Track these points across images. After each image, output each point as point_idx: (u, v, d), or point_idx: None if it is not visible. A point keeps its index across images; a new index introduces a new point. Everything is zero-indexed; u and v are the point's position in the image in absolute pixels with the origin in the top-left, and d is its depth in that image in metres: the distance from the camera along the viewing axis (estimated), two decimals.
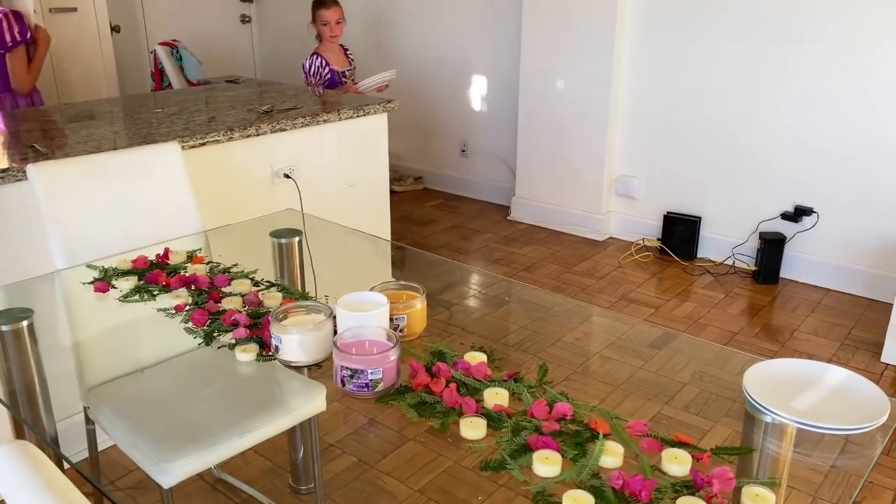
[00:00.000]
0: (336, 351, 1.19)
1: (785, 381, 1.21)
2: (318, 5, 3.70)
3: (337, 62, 3.79)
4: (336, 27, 3.71)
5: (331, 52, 3.79)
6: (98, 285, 1.62)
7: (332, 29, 3.70)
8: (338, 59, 3.81)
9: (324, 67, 3.72)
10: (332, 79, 3.74)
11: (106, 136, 2.33)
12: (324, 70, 3.71)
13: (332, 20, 3.73)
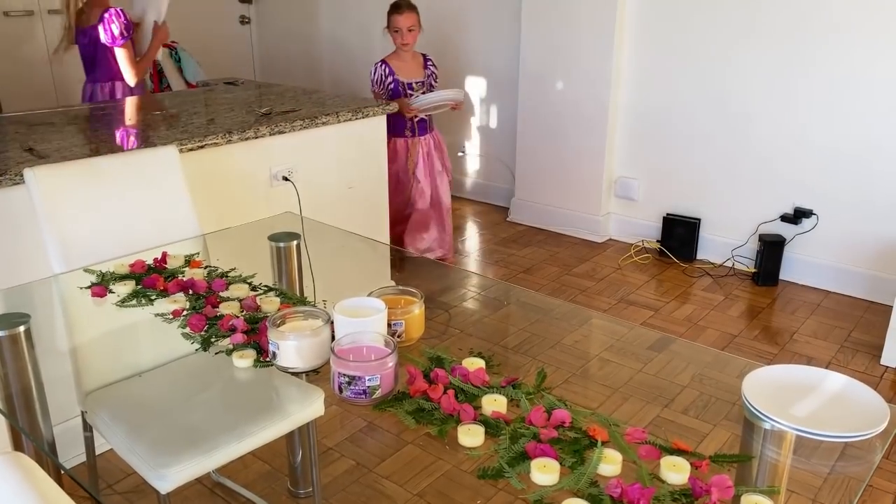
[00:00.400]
0: (333, 357, 1.19)
1: (784, 388, 1.21)
2: (391, 9, 3.41)
3: (406, 72, 3.45)
4: (407, 35, 3.37)
5: (400, 60, 3.48)
6: (95, 290, 1.61)
7: (403, 36, 3.37)
8: (408, 69, 3.47)
9: (387, 76, 3.43)
10: (396, 89, 3.44)
11: (104, 139, 2.33)
12: (387, 79, 3.43)
13: (403, 27, 3.40)
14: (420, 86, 3.47)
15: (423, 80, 3.47)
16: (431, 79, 3.55)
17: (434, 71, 3.56)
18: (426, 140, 3.53)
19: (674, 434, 2.33)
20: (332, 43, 5.37)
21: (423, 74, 3.49)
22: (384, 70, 3.43)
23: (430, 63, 3.56)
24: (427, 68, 3.53)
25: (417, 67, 3.50)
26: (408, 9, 3.36)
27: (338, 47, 5.34)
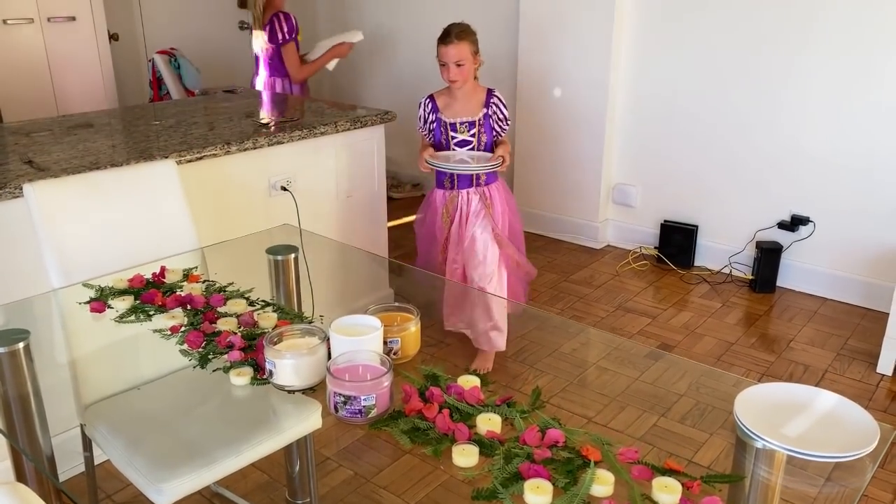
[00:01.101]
0: (329, 377, 1.20)
1: (776, 406, 1.22)
2: (439, 38, 2.69)
3: (454, 111, 2.73)
4: (455, 71, 2.63)
5: (448, 97, 2.74)
6: (94, 305, 1.62)
7: (450, 72, 2.64)
8: (457, 108, 2.73)
9: (430, 114, 2.76)
10: (437, 130, 2.75)
11: (103, 150, 2.34)
12: (430, 117, 2.76)
13: (450, 61, 2.64)
14: (468, 128, 2.70)
15: (473, 121, 2.70)
16: (492, 120, 2.73)
17: (498, 110, 2.74)
18: (469, 196, 2.73)
19: (670, 443, 2.35)
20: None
21: (478, 113, 2.71)
22: (428, 106, 2.76)
23: (494, 99, 2.73)
24: (489, 106, 2.72)
25: (473, 105, 2.72)
26: (457, 38, 2.60)
27: None
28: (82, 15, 4.05)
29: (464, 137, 2.75)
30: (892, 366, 2.77)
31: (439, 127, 2.76)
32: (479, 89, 2.78)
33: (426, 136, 2.82)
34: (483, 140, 2.76)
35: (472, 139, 2.75)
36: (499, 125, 2.77)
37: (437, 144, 2.77)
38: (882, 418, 2.53)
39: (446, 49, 2.63)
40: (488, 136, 2.76)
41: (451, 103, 2.76)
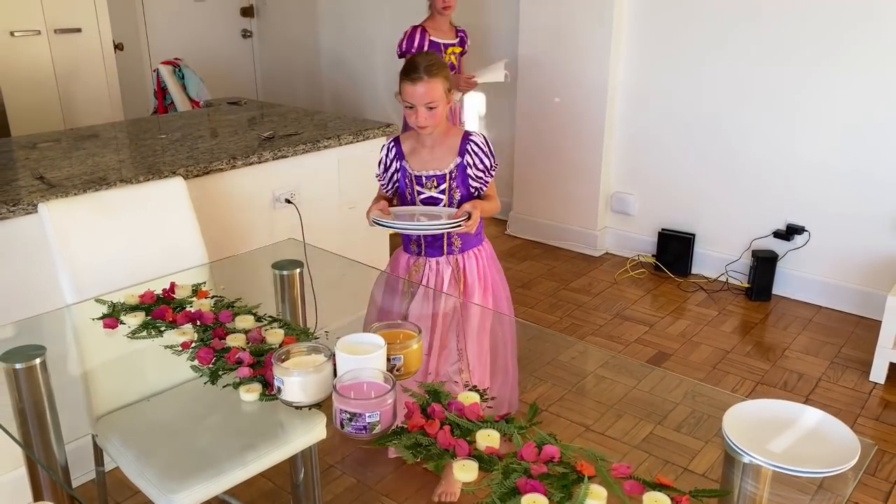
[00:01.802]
0: (335, 394, 1.25)
1: (763, 422, 1.27)
2: (402, 72, 2.20)
3: (420, 161, 2.22)
4: (426, 115, 2.09)
5: (416, 141, 2.23)
6: (107, 322, 1.68)
7: (418, 116, 2.10)
8: (424, 157, 2.23)
9: (393, 160, 2.23)
10: (402, 181, 2.24)
11: (112, 165, 2.40)
12: (391, 164, 2.24)
13: (418, 103, 2.14)
14: (436, 182, 2.17)
15: (443, 174, 2.17)
16: (469, 172, 2.17)
17: (477, 158, 2.17)
18: (438, 267, 2.22)
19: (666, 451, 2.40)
20: (332, 56, 5.44)
21: (448, 164, 2.17)
22: (391, 151, 2.24)
23: (471, 146, 2.18)
24: (464, 155, 2.17)
25: (444, 154, 2.19)
26: (428, 75, 2.06)
27: (337, 60, 5.41)
28: (88, 26, 4.11)
29: (431, 194, 2.20)
30: (884, 374, 2.83)
31: (404, 177, 2.22)
32: (453, 132, 2.22)
33: (384, 187, 2.29)
34: (457, 197, 2.19)
35: (442, 196, 2.18)
36: (478, 178, 2.18)
37: (402, 198, 2.25)
38: (874, 426, 2.59)
39: (413, 88, 2.07)
40: (464, 192, 2.18)
41: (417, 150, 2.22)
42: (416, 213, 2.19)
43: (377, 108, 5.09)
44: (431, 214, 2.15)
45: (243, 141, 2.75)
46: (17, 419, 1.52)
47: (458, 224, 2.04)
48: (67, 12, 4.02)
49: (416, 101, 2.09)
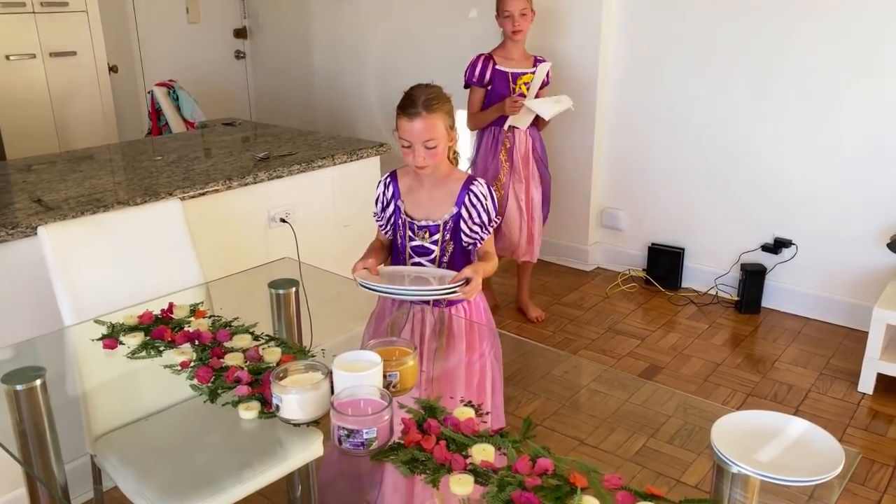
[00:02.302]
0: (333, 411, 1.28)
1: (751, 433, 1.31)
2: (398, 107, 1.97)
3: (415, 203, 2.02)
4: (424, 154, 1.89)
5: (415, 179, 2.03)
6: (107, 342, 1.71)
7: (415, 155, 1.89)
8: (420, 200, 2.02)
9: (391, 199, 2.04)
10: (396, 223, 2.03)
11: (109, 188, 2.43)
12: (389, 202, 2.04)
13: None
14: (429, 232, 1.99)
15: (438, 224, 1.98)
16: (464, 223, 1.98)
17: (475, 211, 1.98)
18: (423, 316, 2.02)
19: (659, 464, 2.43)
20: (326, 78, 5.50)
21: (444, 213, 1.98)
22: (389, 188, 2.05)
23: (470, 196, 1.98)
24: (461, 205, 1.98)
25: (441, 199, 1.99)
26: (427, 110, 1.88)
27: (332, 82, 5.46)
28: (83, 49, 4.15)
29: (423, 244, 2.00)
30: (872, 385, 2.87)
31: (398, 218, 2.02)
32: (455, 176, 2.01)
33: (382, 228, 2.08)
34: (450, 250, 2.00)
35: (434, 247, 1.99)
36: (472, 231, 1.97)
37: (393, 241, 2.07)
38: (863, 437, 2.63)
39: (410, 124, 1.87)
40: (458, 246, 1.99)
41: (415, 189, 2.01)
42: (407, 273, 1.98)
43: (371, 127, 5.14)
44: (423, 277, 1.94)
45: (238, 162, 2.79)
46: (17, 440, 1.54)
47: (453, 290, 1.80)
48: (62, 36, 4.06)
49: (413, 138, 1.88)
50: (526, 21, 3.22)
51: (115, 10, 4.83)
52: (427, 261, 2.01)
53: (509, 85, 3.30)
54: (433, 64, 4.77)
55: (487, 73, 3.29)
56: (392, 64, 5.03)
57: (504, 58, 3.30)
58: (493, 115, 3.32)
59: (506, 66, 3.29)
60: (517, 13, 3.18)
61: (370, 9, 5.01)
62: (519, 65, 3.31)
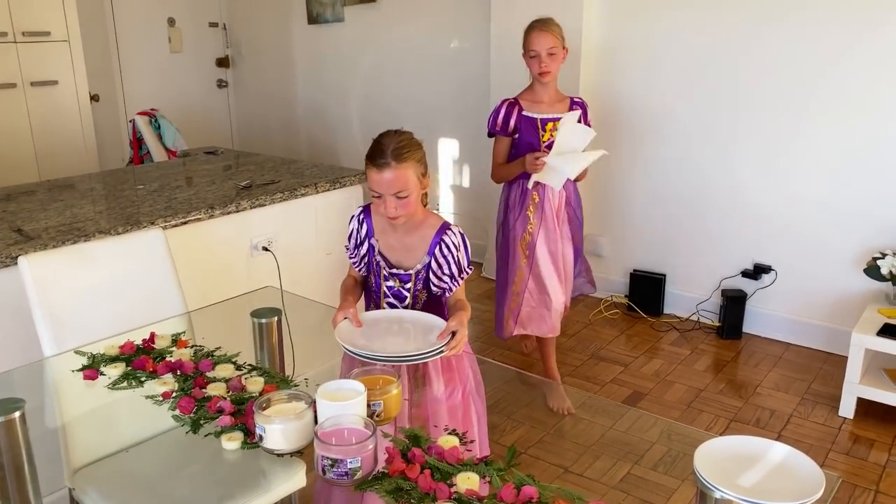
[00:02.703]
0: (317, 441, 1.27)
1: (733, 458, 1.32)
2: (367, 156, 1.89)
3: (388, 246, 1.98)
4: (395, 204, 1.83)
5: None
6: (87, 373, 1.69)
7: (387, 206, 1.84)
8: (392, 244, 1.98)
9: (365, 238, 2.00)
10: (371, 261, 2.01)
11: (91, 217, 2.42)
12: (364, 240, 2.00)
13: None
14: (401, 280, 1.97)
15: (409, 273, 1.95)
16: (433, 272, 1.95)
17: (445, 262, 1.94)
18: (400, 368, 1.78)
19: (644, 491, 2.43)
20: (309, 106, 5.53)
21: (416, 262, 1.95)
22: (362, 226, 2.02)
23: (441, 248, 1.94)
24: (433, 255, 1.94)
25: (414, 245, 1.96)
26: (396, 160, 1.82)
27: (314, 111, 5.49)
28: (65, 78, 4.15)
29: (397, 287, 1.97)
30: (852, 409, 2.89)
31: (372, 257, 1.98)
32: (430, 222, 1.94)
33: (355, 265, 2.03)
34: (422, 298, 1.98)
35: (407, 294, 1.97)
36: (442, 282, 1.93)
37: (366, 282, 2.05)
38: (845, 461, 2.64)
39: (380, 175, 1.80)
40: (431, 294, 1.98)
41: (388, 232, 1.96)
42: (386, 322, 1.88)
43: (354, 156, 5.17)
44: (405, 327, 1.85)
45: (221, 190, 2.79)
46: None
47: (440, 350, 1.71)
48: (44, 65, 4.06)
49: (383, 190, 1.81)
50: (555, 61, 2.79)
51: (97, 39, 4.84)
52: (401, 305, 1.97)
53: (538, 132, 2.85)
54: (416, 93, 4.82)
55: (512, 121, 2.87)
56: (375, 93, 5.07)
57: (532, 101, 2.87)
58: (515, 171, 2.89)
59: (534, 112, 2.86)
60: (544, 52, 2.75)
61: (352, 38, 5.07)
62: (550, 109, 2.87)
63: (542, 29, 2.76)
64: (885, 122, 3.16)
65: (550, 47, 2.76)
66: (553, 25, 2.78)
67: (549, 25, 2.78)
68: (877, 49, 3.11)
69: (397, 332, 1.85)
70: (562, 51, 2.81)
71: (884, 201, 3.21)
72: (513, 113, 2.87)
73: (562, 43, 2.80)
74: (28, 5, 3.95)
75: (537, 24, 2.79)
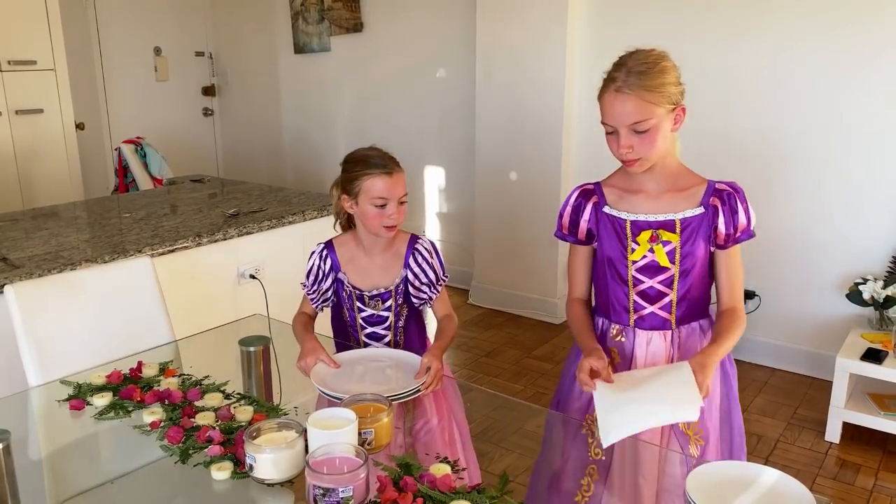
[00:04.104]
0: (308, 470, 1.27)
1: (725, 483, 1.32)
2: (365, 168, 1.81)
3: (361, 271, 1.92)
4: (398, 211, 1.82)
5: (356, 246, 1.94)
6: (73, 403, 1.67)
7: (393, 211, 1.81)
8: (364, 266, 1.92)
9: (328, 272, 1.94)
10: (341, 295, 1.94)
11: (77, 245, 2.40)
12: (325, 276, 1.94)
13: (393, 198, 1.81)
14: (381, 300, 1.92)
15: (389, 290, 1.91)
16: (411, 285, 1.92)
17: (421, 271, 1.93)
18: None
19: None
20: (295, 135, 5.55)
21: (395, 276, 1.91)
22: (326, 261, 1.95)
23: (415, 255, 1.92)
24: (408, 266, 1.92)
25: (389, 262, 1.92)
26: (397, 167, 1.85)
27: (300, 139, 5.51)
28: (50, 107, 4.15)
29: (376, 312, 1.91)
30: (838, 434, 2.91)
31: (341, 291, 1.92)
32: (399, 238, 1.91)
33: (313, 301, 1.97)
34: (404, 314, 1.93)
35: (388, 314, 1.91)
36: (421, 291, 1.91)
37: (338, 315, 1.98)
38: (832, 486, 2.65)
39: (391, 180, 1.78)
40: (412, 309, 1.94)
41: (356, 259, 1.90)
42: (359, 361, 1.82)
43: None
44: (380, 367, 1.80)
45: (208, 218, 2.78)
46: None
47: (416, 391, 1.66)
48: (29, 94, 4.06)
49: (392, 195, 1.77)
50: (649, 141, 1.60)
51: (83, 68, 4.85)
52: (382, 329, 1.93)
53: (623, 241, 1.70)
54: (402, 121, 4.86)
55: (583, 220, 1.77)
56: (361, 121, 5.10)
57: (622, 191, 1.75)
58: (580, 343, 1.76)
59: (622, 208, 1.73)
60: (624, 127, 1.60)
61: (339, 67, 5.11)
62: (653, 204, 1.70)
63: (616, 90, 1.58)
64: (865, 148, 3.22)
65: (635, 122, 1.58)
66: (642, 78, 1.56)
67: (626, 81, 1.57)
68: (857, 80, 3.18)
69: (372, 373, 1.79)
70: (665, 117, 1.60)
71: (864, 227, 3.26)
72: (586, 207, 1.78)
73: (663, 104, 1.59)
74: (14, 34, 3.96)
75: (613, 76, 1.59)
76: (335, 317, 2.01)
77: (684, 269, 1.67)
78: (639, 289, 1.69)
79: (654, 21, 3.65)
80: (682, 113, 1.65)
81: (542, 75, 3.97)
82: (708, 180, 1.72)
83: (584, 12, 3.89)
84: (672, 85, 1.61)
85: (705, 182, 1.71)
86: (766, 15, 3.35)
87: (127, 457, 1.86)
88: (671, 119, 1.62)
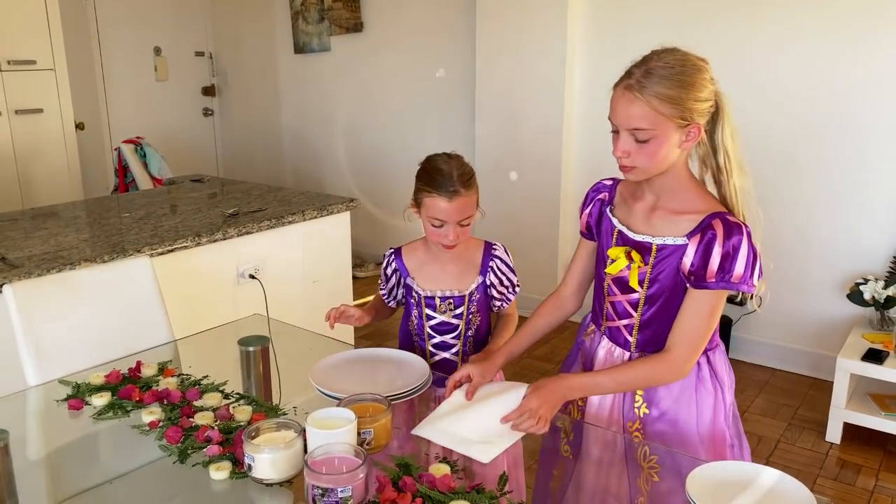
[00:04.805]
0: (307, 470, 1.26)
1: (725, 483, 1.32)
2: (429, 184, 1.76)
3: (430, 277, 1.87)
4: (458, 232, 1.76)
5: (426, 253, 1.90)
6: (72, 403, 1.66)
7: (449, 234, 1.75)
8: (435, 272, 1.87)
9: (394, 275, 1.92)
10: (409, 301, 1.92)
11: (76, 245, 2.40)
12: (393, 279, 1.93)
13: (451, 220, 1.74)
14: (452, 305, 1.85)
15: (463, 296, 1.85)
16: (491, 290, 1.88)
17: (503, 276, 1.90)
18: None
19: None
20: (295, 135, 5.55)
21: (469, 282, 1.86)
22: (392, 265, 1.93)
23: (494, 261, 1.88)
24: (486, 272, 1.87)
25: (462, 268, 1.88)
26: (467, 188, 1.75)
27: (300, 139, 5.51)
28: (50, 107, 4.14)
29: (445, 319, 1.84)
30: (839, 434, 2.90)
31: (409, 297, 1.88)
32: (472, 244, 1.86)
33: (385, 298, 1.97)
34: (475, 323, 1.86)
35: (458, 321, 1.84)
36: (500, 296, 1.88)
37: (405, 330, 1.95)
38: (833, 486, 2.64)
39: (449, 204, 1.70)
40: (483, 318, 1.86)
41: (427, 265, 1.86)
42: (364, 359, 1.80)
43: (340, 183, 5.18)
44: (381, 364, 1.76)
45: (207, 218, 2.78)
46: None
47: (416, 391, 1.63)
48: (29, 93, 4.05)
49: (451, 218, 1.71)
50: (646, 153, 1.50)
51: (82, 67, 4.84)
52: (451, 338, 1.87)
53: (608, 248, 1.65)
54: (401, 121, 4.85)
55: (586, 214, 1.77)
56: (361, 121, 5.10)
57: (627, 195, 1.69)
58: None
59: (620, 214, 1.67)
60: (625, 129, 1.55)
61: (339, 67, 5.11)
62: (643, 223, 1.60)
63: (627, 87, 1.51)
64: (866, 148, 3.21)
65: (637, 129, 1.49)
66: (659, 84, 1.45)
67: (640, 82, 1.47)
68: (858, 80, 3.18)
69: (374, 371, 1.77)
70: (673, 131, 1.47)
71: (865, 227, 3.26)
72: (594, 201, 1.78)
73: (675, 118, 1.46)
74: (14, 34, 3.95)
75: (631, 71, 1.52)
76: (403, 329, 1.96)
77: (650, 296, 1.56)
78: (610, 299, 1.64)
79: (655, 21, 3.65)
80: (697, 131, 1.49)
81: (542, 75, 3.96)
82: (712, 211, 1.53)
83: (584, 12, 3.89)
84: (694, 101, 1.45)
85: (707, 212, 1.52)
86: (766, 15, 3.35)
87: (125, 457, 1.85)
88: (682, 134, 1.47)
